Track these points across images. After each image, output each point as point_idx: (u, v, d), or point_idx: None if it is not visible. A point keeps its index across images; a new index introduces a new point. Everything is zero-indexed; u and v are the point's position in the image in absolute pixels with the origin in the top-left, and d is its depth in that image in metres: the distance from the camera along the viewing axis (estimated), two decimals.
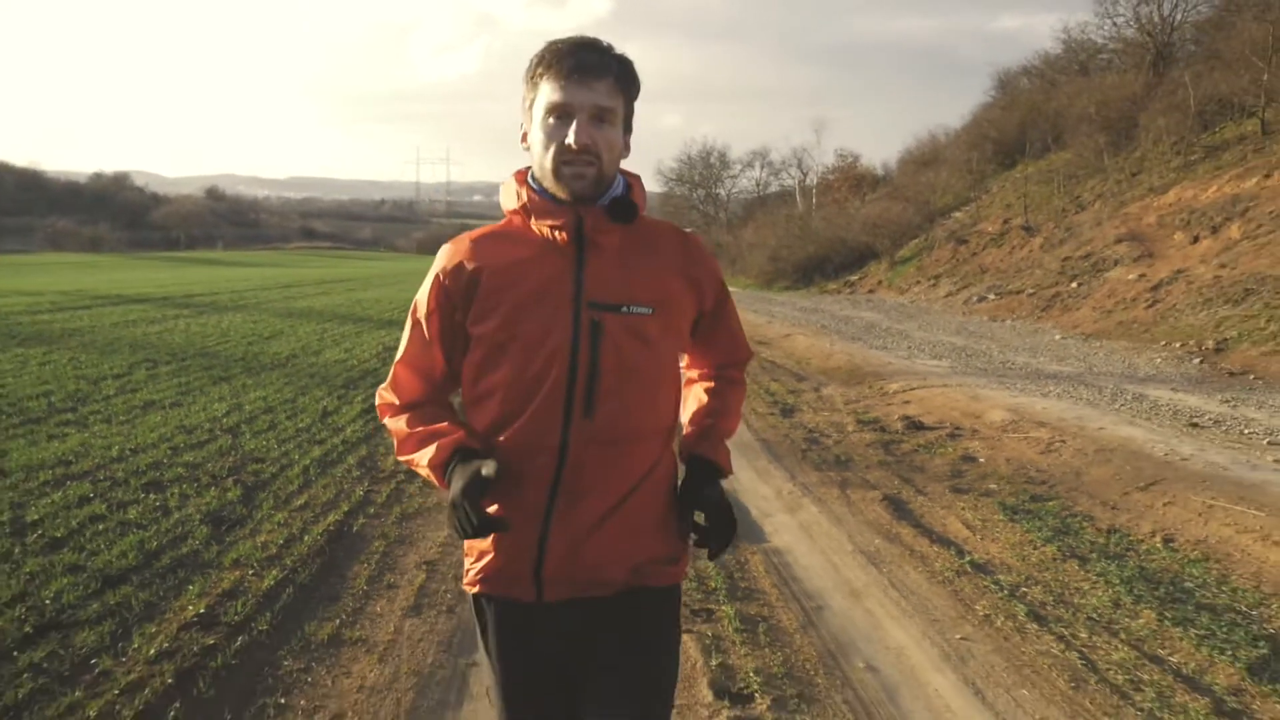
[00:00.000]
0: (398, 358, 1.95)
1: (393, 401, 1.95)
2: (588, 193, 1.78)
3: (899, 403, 10.15)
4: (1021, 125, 36.26)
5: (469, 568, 1.92)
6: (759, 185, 63.64)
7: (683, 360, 2.11)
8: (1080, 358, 13.99)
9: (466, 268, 1.84)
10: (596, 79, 1.75)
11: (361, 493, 6.18)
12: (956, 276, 27.06)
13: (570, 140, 1.73)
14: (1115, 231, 21.56)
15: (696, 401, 2.11)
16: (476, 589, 1.91)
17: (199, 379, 10.45)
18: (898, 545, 5.45)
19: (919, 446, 8.06)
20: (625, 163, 1.91)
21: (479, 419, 1.86)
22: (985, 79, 79.91)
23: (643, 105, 1.92)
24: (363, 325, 17.82)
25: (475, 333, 1.84)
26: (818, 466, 7.33)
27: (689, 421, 2.07)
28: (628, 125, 1.85)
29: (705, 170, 65.75)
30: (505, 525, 1.78)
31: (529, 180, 1.86)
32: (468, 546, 1.91)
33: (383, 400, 1.97)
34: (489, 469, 1.70)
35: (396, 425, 1.92)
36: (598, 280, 1.80)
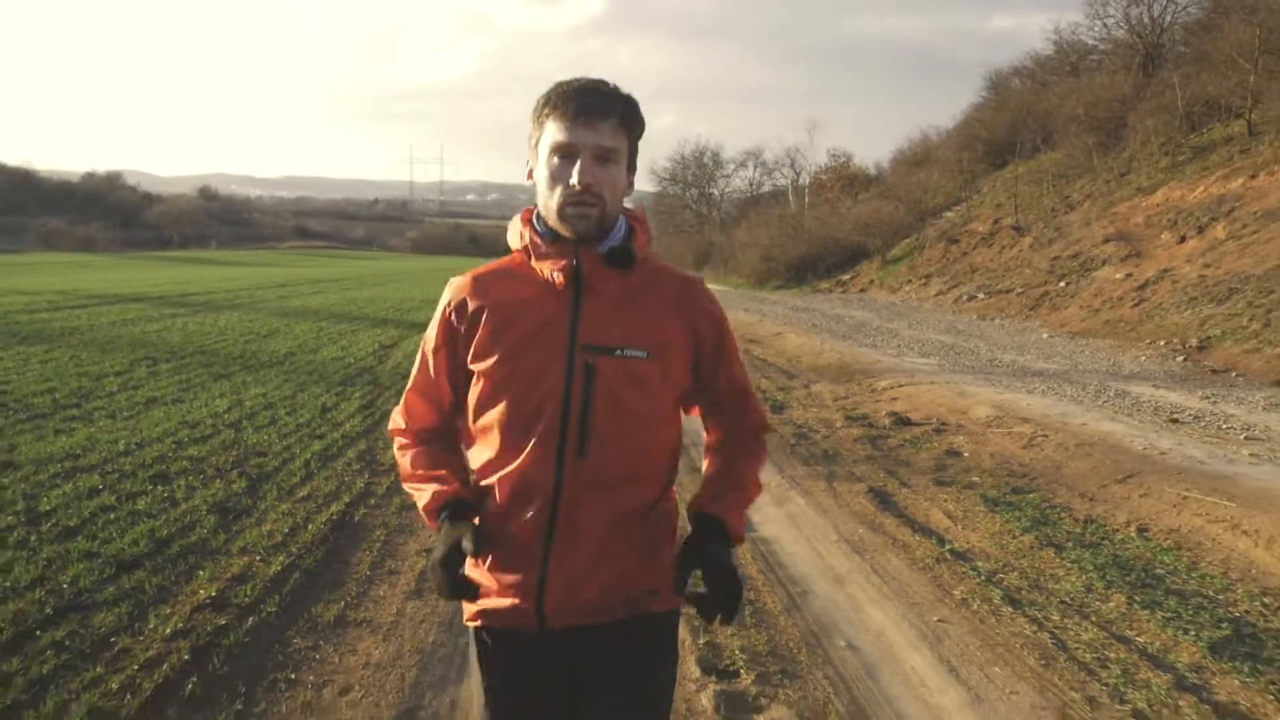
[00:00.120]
0: (409, 385, 2.03)
1: (402, 426, 2.04)
2: (591, 232, 1.82)
3: (887, 399, 10.35)
4: (1012, 125, 36.53)
5: (469, 607, 1.95)
6: (752, 185, 63.96)
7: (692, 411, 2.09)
8: (1066, 356, 14.21)
9: (470, 305, 1.90)
10: (601, 120, 1.78)
11: (362, 485, 6.37)
12: (947, 276, 27.29)
13: (575, 181, 1.77)
14: (1103, 231, 21.81)
15: (707, 468, 2.09)
16: (478, 623, 1.94)
17: (199, 376, 10.62)
18: (881, 534, 5.65)
19: (905, 441, 8.26)
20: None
21: (478, 454, 1.92)
22: (978, 79, 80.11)
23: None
24: (358, 324, 17.98)
25: (475, 369, 1.88)
26: (806, 461, 7.53)
27: (699, 487, 2.05)
28: (631, 164, 1.89)
29: (698, 170, 66.05)
30: (475, 593, 1.84)
31: (533, 220, 1.90)
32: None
33: (395, 425, 2.06)
34: (468, 543, 1.78)
35: (402, 461, 2.01)
36: (593, 323, 1.83)
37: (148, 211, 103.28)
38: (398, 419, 2.05)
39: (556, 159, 1.80)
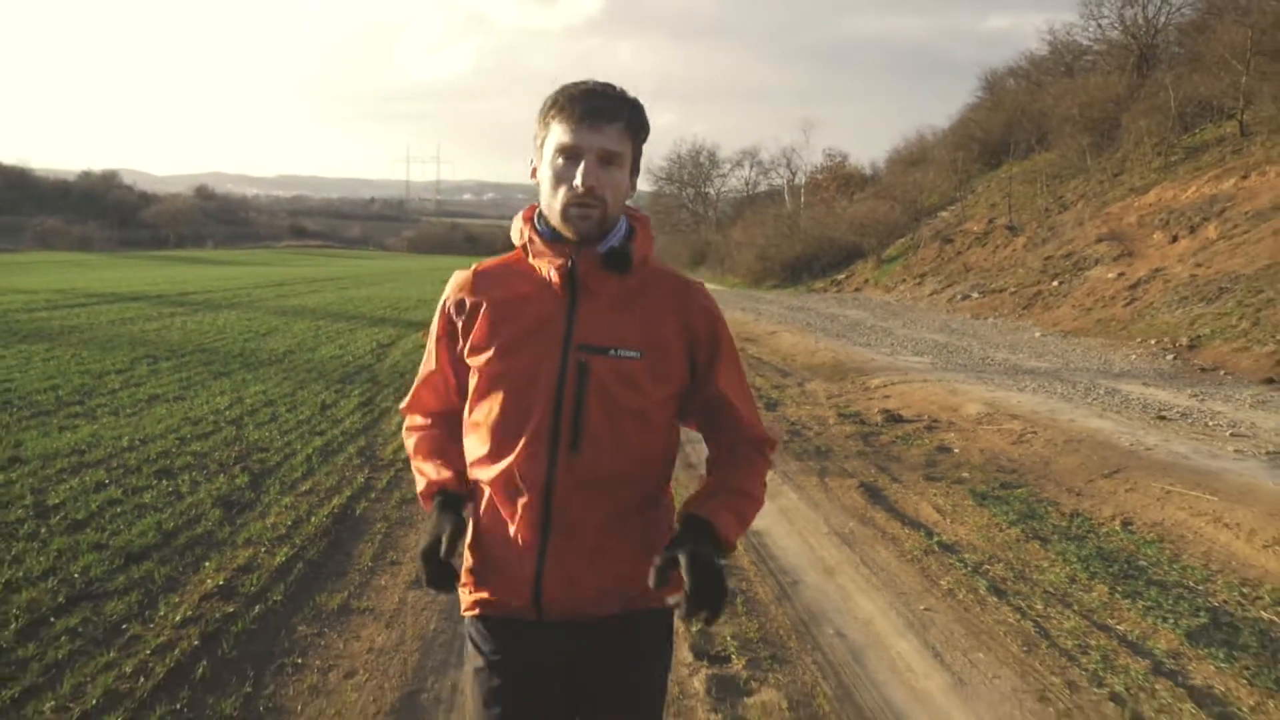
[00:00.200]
0: (419, 374, 2.09)
1: (411, 408, 2.12)
2: (592, 233, 1.84)
3: (880, 397, 10.49)
4: (1007, 126, 36.68)
5: (466, 597, 1.97)
6: (748, 184, 64.14)
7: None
8: (1058, 354, 14.36)
9: (469, 300, 1.93)
10: (607, 123, 1.80)
11: (363, 479, 6.49)
12: (941, 275, 27.45)
13: (578, 182, 1.78)
14: (1096, 231, 21.97)
15: (704, 481, 2.04)
16: (476, 612, 1.96)
17: (199, 374, 10.73)
18: (871, 528, 5.79)
19: (897, 438, 8.39)
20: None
21: (473, 448, 1.94)
22: (974, 79, 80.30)
23: None
24: (356, 323, 18.08)
25: (471, 364, 1.91)
26: (798, 456, 7.66)
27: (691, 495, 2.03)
28: (635, 167, 1.91)
29: (695, 169, 66.19)
30: (454, 584, 1.90)
31: (534, 219, 1.92)
32: (463, 577, 1.97)
33: (405, 405, 2.15)
34: (446, 541, 1.81)
35: (408, 442, 2.10)
36: (589, 323, 1.85)
37: (144, 211, 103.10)
38: (408, 401, 2.13)
39: (561, 160, 1.82)
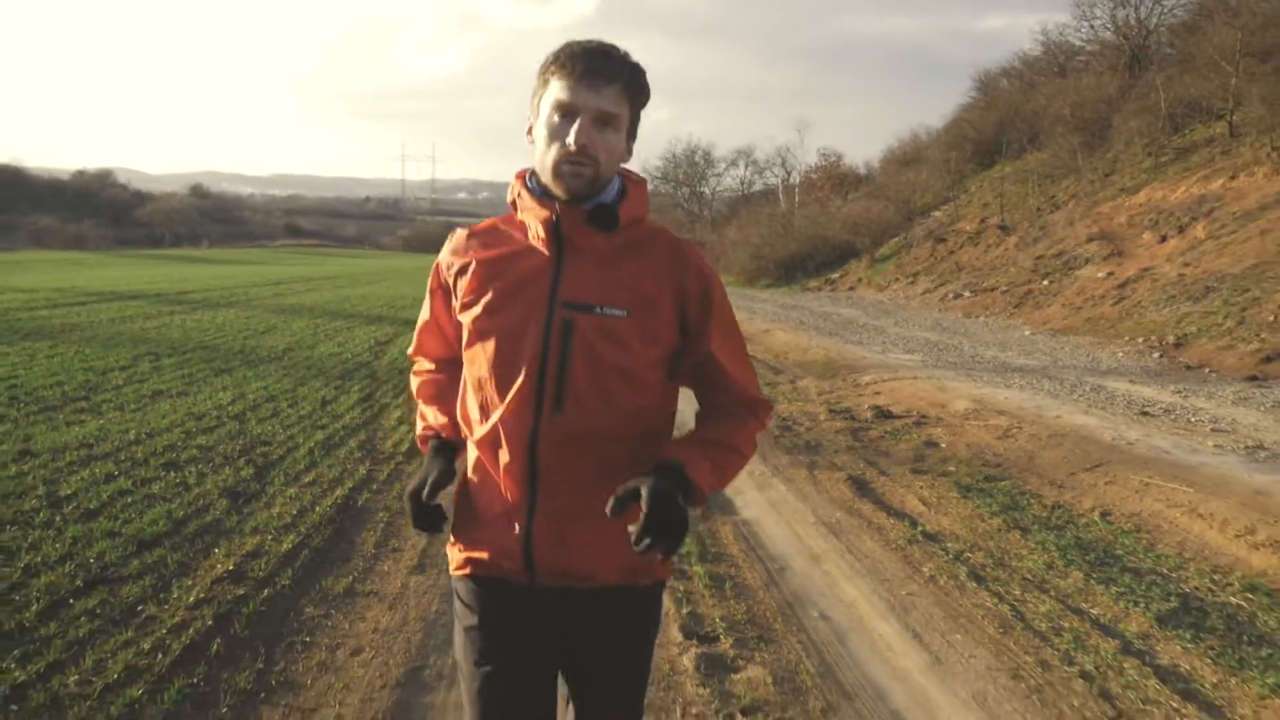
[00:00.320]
0: (417, 324, 2.17)
1: (416, 353, 2.20)
2: (583, 192, 1.83)
3: (870, 394, 10.68)
4: (1000, 126, 36.86)
5: (457, 556, 1.99)
6: (743, 184, 64.29)
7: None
8: (1047, 352, 14.56)
9: (459, 260, 1.96)
10: (606, 84, 1.79)
11: (364, 472, 6.67)
12: (934, 274, 27.65)
13: (570, 140, 1.78)
14: (1087, 231, 22.18)
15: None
16: (467, 571, 1.97)
17: (201, 371, 10.90)
18: (857, 518, 5.98)
19: (886, 433, 8.58)
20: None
21: (465, 404, 1.96)
22: (967, 79, 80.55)
23: None
24: (353, 321, 18.24)
25: (462, 320, 1.94)
26: (789, 451, 7.85)
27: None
28: (632, 132, 1.90)
29: (690, 169, 66.29)
30: (440, 524, 1.96)
31: (527, 178, 1.93)
32: (453, 537, 2.00)
33: (410, 351, 2.25)
34: (429, 487, 1.91)
35: (412, 385, 2.20)
36: (575, 281, 1.85)
37: (139, 209, 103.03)
38: (413, 345, 2.21)
39: (557, 117, 1.81)
